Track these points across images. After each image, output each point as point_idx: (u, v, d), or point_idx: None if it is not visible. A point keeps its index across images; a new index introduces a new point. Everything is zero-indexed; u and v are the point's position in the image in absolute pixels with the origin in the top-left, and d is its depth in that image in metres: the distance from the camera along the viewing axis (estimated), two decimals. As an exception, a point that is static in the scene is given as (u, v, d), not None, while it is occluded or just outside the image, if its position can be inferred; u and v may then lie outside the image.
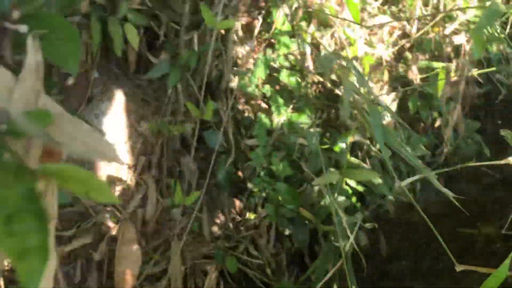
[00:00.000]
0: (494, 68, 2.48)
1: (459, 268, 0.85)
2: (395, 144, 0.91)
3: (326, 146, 2.20)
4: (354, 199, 2.12)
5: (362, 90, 0.99)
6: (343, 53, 2.07)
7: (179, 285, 1.92)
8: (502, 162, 0.86)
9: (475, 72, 2.10)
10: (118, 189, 2.07)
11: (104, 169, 2.04)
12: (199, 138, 2.13)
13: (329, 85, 2.10)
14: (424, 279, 2.58)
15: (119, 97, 2.03)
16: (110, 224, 1.88)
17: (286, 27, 1.92)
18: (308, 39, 2.09)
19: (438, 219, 3.13)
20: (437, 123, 2.74)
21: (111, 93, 2.00)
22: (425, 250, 2.78)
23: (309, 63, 2.07)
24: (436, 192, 3.36)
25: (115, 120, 2.02)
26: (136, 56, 1.99)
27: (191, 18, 1.93)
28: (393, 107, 2.38)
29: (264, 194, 2.06)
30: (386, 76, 2.24)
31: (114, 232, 1.87)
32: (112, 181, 2.06)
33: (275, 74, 2.10)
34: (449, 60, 2.49)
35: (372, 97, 0.91)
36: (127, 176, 2.07)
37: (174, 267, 1.96)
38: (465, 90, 2.74)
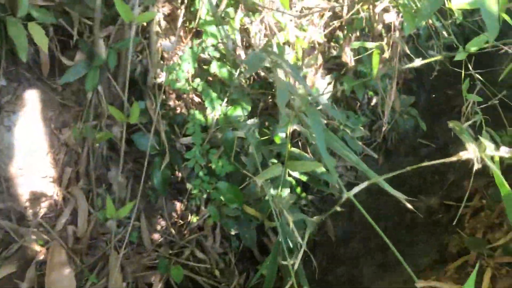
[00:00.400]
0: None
1: (419, 284, 0.78)
2: (337, 147, 0.82)
3: (267, 137, 2.11)
4: (298, 189, 2.05)
5: (299, 88, 0.90)
6: (275, 40, 1.97)
7: (122, 303, 1.78)
8: (454, 159, 0.79)
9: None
10: (43, 205, 1.88)
11: (27, 185, 1.84)
12: (130, 140, 1.96)
13: (262, 73, 2.00)
14: (373, 258, 2.59)
15: (33, 105, 1.82)
16: (37, 247, 1.69)
17: (212, 15, 1.78)
18: (237, 27, 1.96)
19: (382, 195, 3.17)
20: (373, 101, 2.73)
21: (23, 101, 1.79)
22: (372, 229, 2.78)
23: (241, 52, 1.96)
24: (376, 168, 3.40)
25: (32, 130, 1.82)
26: (48, 58, 1.78)
27: (106, 12, 1.75)
28: (329, 89, 2.33)
29: (205, 195, 1.95)
30: (320, 59, 2.17)
31: (42, 256, 1.69)
32: (36, 197, 1.87)
33: (205, 66, 1.97)
34: (381, 37, 2.46)
35: (310, 97, 0.82)
36: (53, 190, 1.88)
37: (114, 284, 1.81)
38: (398, 65, 2.74)
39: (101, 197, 1.91)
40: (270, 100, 2.23)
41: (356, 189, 0.78)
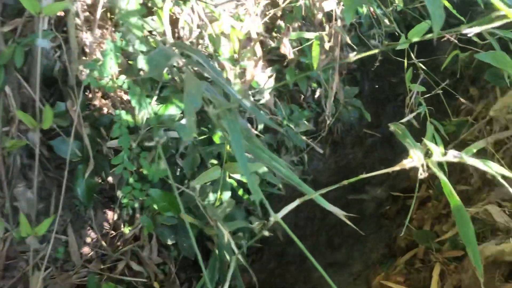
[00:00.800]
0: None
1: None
2: (264, 159, 0.69)
3: (205, 136, 1.96)
4: (240, 191, 1.92)
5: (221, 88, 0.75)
6: (208, 31, 1.82)
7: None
8: (397, 168, 0.68)
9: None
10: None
11: None
12: (49, 146, 1.76)
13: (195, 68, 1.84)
14: (323, 254, 2.51)
15: None
16: None
17: (135, 5, 1.60)
18: (166, 17, 1.79)
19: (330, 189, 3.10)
20: (317, 93, 2.63)
21: None
22: (321, 224, 2.72)
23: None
24: (323, 161, 3.33)
25: None
26: None
27: (11, 3, 1.53)
28: (271, 83, 2.20)
29: (136, 204, 1.78)
30: (259, 51, 2.03)
31: None
32: None
33: (131, 61, 1.78)
34: (322, 27, 2.35)
35: (234, 100, 0.68)
36: (-40, 207, 1.65)
37: (37, 309, 1.61)
38: (340, 55, 2.65)
39: (18, 210, 1.70)
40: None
41: (284, 211, 0.65)
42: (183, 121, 1.84)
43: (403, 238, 2.35)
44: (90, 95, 1.91)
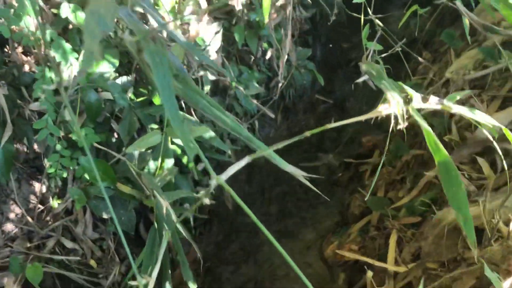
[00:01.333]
0: None
1: None
2: (205, 107, 0.53)
3: (144, 98, 1.76)
4: (185, 158, 1.75)
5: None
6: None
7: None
8: (371, 115, 0.53)
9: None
10: None
11: None
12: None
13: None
14: (275, 224, 2.40)
15: None
16: None
17: None
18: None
19: (280, 155, 2.98)
20: (268, 55, 2.46)
21: None
22: (272, 194, 2.60)
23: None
24: (275, 128, 3.19)
25: None
26: None
27: None
28: (218, 40, 2.01)
29: (65, 174, 1.57)
30: (204, 4, 1.83)
31: None
32: None
33: (54, 10, 1.54)
34: (273, -20, 2.17)
35: (159, 26, 0.50)
36: None
37: None
38: (292, 14, 2.48)
39: None
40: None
41: (229, 172, 0.49)
42: (118, 81, 1.63)
43: (357, 205, 2.27)
44: (9, 51, 1.66)
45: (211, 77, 1.99)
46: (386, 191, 2.20)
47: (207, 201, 0.53)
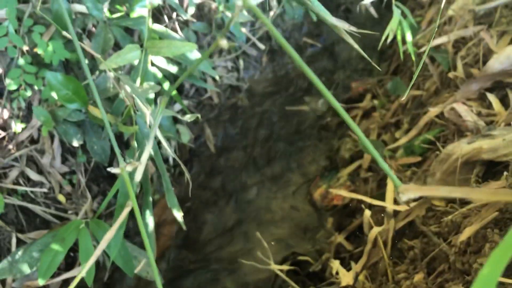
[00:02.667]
0: None
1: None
2: None
3: (120, 15, 1.55)
4: (166, 84, 1.57)
5: None
6: None
7: None
8: None
9: None
10: None
11: None
12: None
13: None
14: (259, 167, 2.27)
15: None
16: None
17: None
18: None
19: (266, 98, 2.81)
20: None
21: None
22: (255, 135, 2.45)
23: None
24: (260, 70, 3.01)
25: None
26: None
27: None
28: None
29: (29, 93, 1.37)
30: None
31: None
32: None
33: None
34: None
35: None
36: None
37: None
38: None
39: None
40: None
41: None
42: (92, -11, 1.41)
43: (347, 149, 2.15)
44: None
45: (196, 0, 1.78)
46: (379, 135, 2.08)
47: (224, 43, 0.37)
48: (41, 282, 1.07)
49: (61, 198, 1.60)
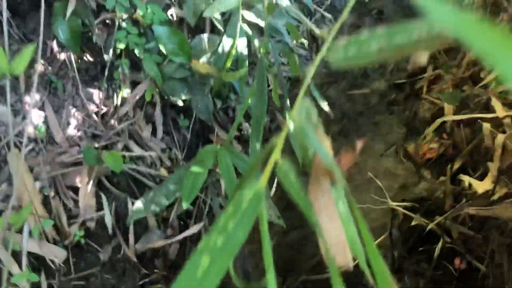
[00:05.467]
0: None
1: None
2: None
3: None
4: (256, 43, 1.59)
5: None
6: None
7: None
8: None
9: None
10: None
11: None
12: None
13: None
14: (337, 140, 2.24)
15: None
16: None
17: None
18: None
19: (327, 88, 2.83)
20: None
21: None
22: (325, 116, 2.44)
23: None
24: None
25: None
26: None
27: None
28: None
29: (137, 50, 1.41)
30: None
31: None
32: None
33: None
34: None
35: None
36: None
37: (21, 189, 1.24)
38: None
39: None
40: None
41: None
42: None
43: (426, 109, 2.12)
44: None
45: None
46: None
47: None
48: (185, 205, 1.06)
49: (163, 171, 1.61)
